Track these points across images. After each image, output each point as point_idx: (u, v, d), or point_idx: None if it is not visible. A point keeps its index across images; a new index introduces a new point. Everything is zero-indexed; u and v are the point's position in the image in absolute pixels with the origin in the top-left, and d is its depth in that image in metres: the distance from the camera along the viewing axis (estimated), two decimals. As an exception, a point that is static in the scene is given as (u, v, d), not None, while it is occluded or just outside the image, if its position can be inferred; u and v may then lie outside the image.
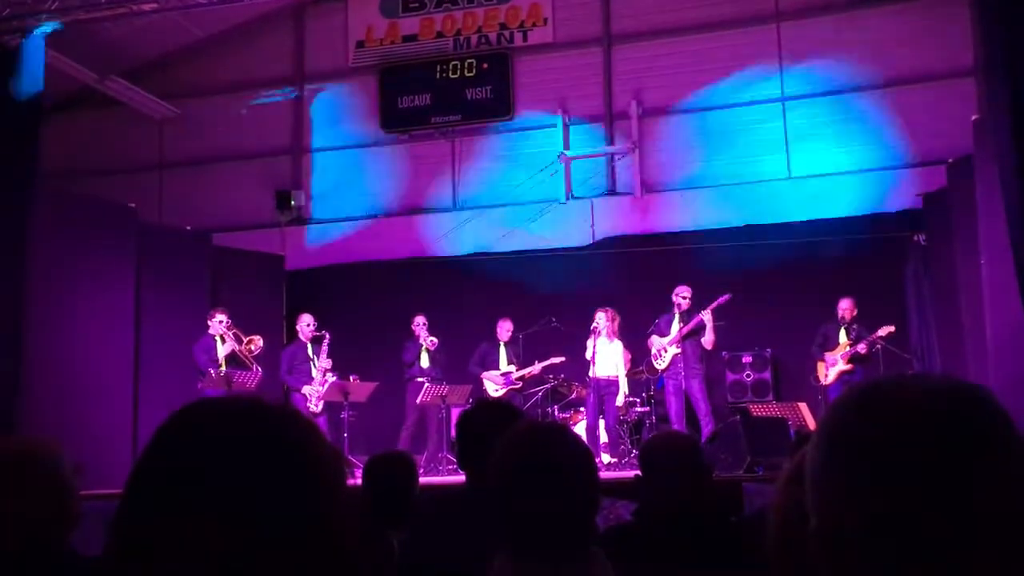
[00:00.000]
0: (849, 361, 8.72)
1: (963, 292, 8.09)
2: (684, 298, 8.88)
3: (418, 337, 9.57)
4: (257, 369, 8.92)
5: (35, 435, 2.57)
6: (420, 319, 9.63)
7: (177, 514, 0.86)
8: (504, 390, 9.48)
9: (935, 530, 0.83)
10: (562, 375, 9.87)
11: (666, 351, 8.84)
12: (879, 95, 10.37)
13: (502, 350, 9.67)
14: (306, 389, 9.19)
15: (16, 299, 7.77)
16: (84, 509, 2.09)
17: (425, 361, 9.58)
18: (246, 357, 8.96)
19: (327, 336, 9.33)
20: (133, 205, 9.81)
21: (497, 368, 9.62)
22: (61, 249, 8.58)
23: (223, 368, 8.76)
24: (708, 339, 8.79)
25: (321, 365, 9.28)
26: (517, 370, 9.58)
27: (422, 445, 9.36)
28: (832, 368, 8.81)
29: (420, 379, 9.47)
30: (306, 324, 9.42)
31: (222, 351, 8.90)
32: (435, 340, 9.53)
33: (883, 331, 8.63)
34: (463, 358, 9.83)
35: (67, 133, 11.58)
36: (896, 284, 9.92)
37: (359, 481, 3.48)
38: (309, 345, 9.40)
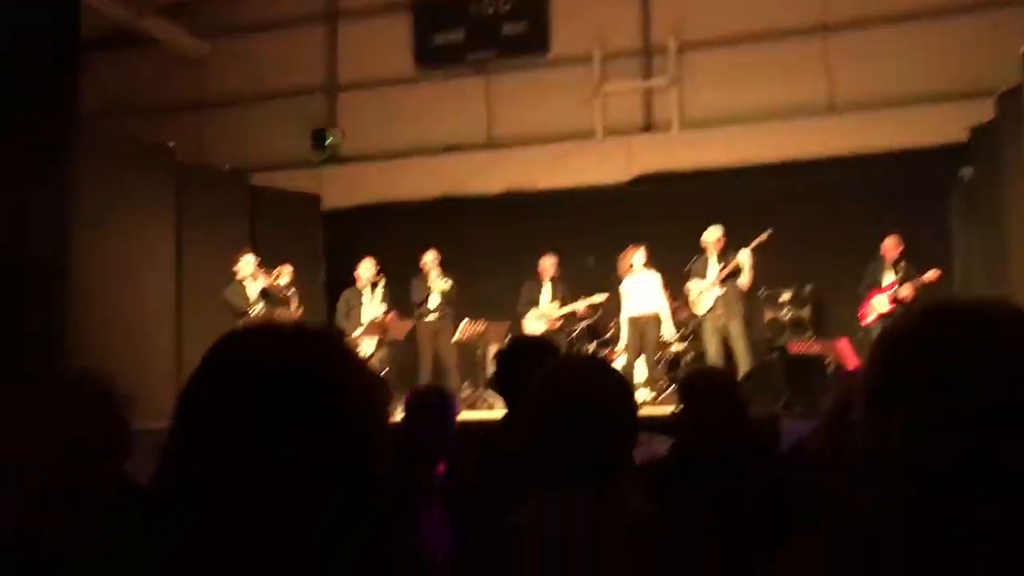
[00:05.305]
0: (893, 301, 8.55)
1: (1012, 229, 7.90)
2: (718, 239, 8.78)
3: (427, 275, 9.37)
4: (297, 308, 9.02)
5: (89, 365, 2.62)
6: (431, 255, 9.40)
7: (222, 441, 0.88)
8: (544, 328, 9.30)
9: (993, 435, 0.86)
10: (599, 312, 9.84)
11: (706, 293, 8.75)
12: (926, 24, 10.04)
13: (546, 288, 9.45)
14: (355, 334, 9.27)
15: (60, 238, 7.87)
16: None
17: (434, 300, 9.34)
18: (278, 291, 9.02)
19: (382, 282, 9.37)
20: (171, 144, 9.86)
21: (538, 306, 9.45)
22: (102, 188, 8.66)
23: (261, 308, 8.84)
24: (744, 280, 8.64)
25: (371, 311, 9.32)
26: (560, 307, 9.42)
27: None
28: (878, 306, 8.64)
29: (429, 318, 9.35)
30: (365, 269, 9.46)
31: (254, 289, 8.96)
32: (448, 279, 9.30)
33: (930, 275, 8.44)
34: (495, 297, 9.80)
35: (104, 73, 11.60)
36: (941, 220, 9.71)
37: (399, 416, 3.52)
38: (366, 290, 9.45)
